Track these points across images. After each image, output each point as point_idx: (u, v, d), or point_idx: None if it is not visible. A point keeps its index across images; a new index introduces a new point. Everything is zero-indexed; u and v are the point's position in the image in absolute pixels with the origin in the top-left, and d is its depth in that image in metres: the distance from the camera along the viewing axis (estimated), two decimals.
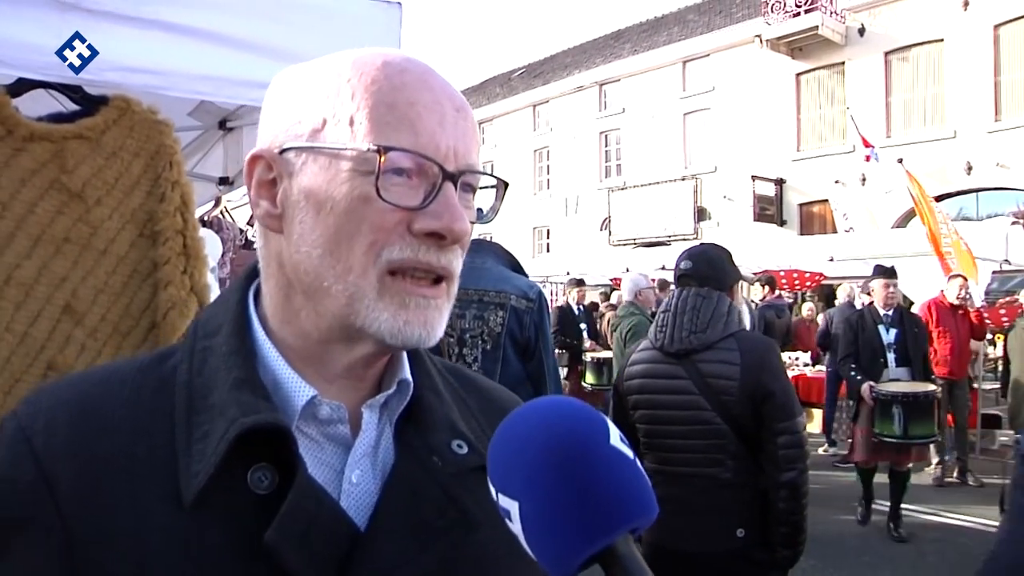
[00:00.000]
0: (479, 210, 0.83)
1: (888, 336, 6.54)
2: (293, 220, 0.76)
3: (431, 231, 0.74)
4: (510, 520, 0.63)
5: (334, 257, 0.74)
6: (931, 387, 6.28)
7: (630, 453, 0.64)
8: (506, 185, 0.87)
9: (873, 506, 6.79)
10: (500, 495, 0.64)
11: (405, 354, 0.85)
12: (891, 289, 6.67)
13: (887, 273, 6.75)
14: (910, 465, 6.55)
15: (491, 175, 0.83)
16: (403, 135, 0.73)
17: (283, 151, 0.77)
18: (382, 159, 0.71)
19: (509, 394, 1.02)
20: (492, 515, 0.66)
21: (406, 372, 0.84)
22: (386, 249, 0.73)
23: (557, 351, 7.54)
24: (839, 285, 12.86)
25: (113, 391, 0.77)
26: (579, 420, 0.64)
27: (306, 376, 0.78)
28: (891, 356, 6.53)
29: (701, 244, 3.35)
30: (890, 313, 6.60)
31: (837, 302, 11.19)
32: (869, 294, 7.11)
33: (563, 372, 9.38)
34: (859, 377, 6.38)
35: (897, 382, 6.38)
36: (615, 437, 0.64)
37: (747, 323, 6.98)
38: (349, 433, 0.79)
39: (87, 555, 0.69)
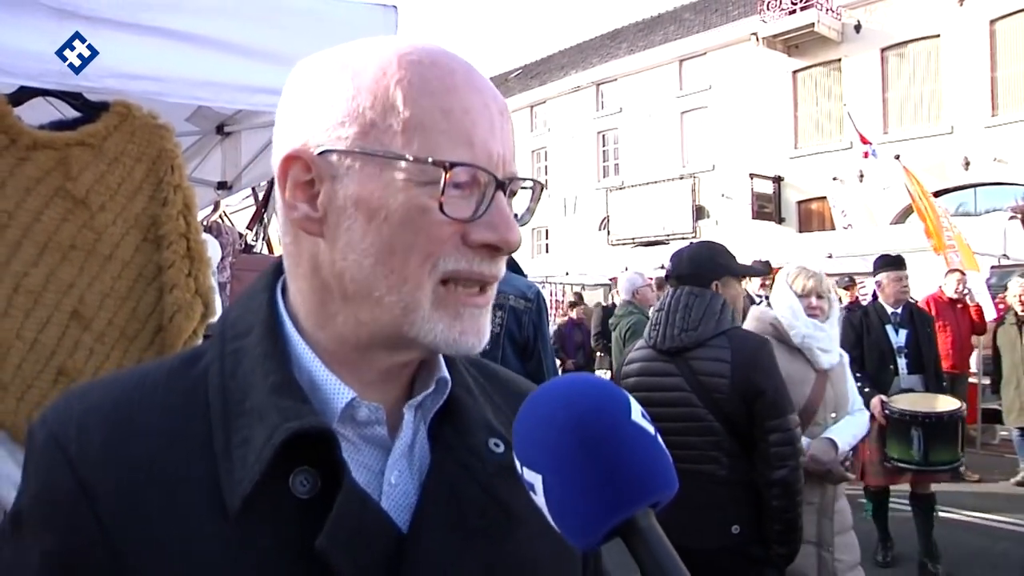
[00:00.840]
0: (517, 214, 0.81)
1: (898, 338, 5.55)
2: (338, 226, 0.73)
3: (487, 243, 0.73)
4: (534, 493, 0.64)
5: (387, 267, 0.72)
6: (955, 403, 5.12)
7: (651, 429, 0.65)
8: (542, 187, 0.85)
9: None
10: (525, 468, 0.65)
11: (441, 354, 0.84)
12: (903, 283, 5.65)
13: (896, 264, 5.71)
14: (932, 488, 5.46)
15: (531, 179, 0.81)
16: (460, 147, 0.71)
17: (323, 152, 0.73)
18: (447, 175, 0.69)
19: (528, 383, 1.01)
20: (535, 513, 0.65)
21: (444, 370, 0.83)
22: (442, 260, 0.72)
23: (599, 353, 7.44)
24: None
25: (144, 395, 0.75)
26: (601, 396, 0.65)
27: (342, 377, 0.76)
28: (902, 362, 5.52)
29: (690, 243, 3.38)
30: (899, 311, 5.63)
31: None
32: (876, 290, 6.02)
33: (608, 375, 9.31)
34: (866, 389, 5.09)
35: (911, 394, 5.35)
36: (636, 413, 0.64)
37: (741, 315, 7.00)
38: (387, 434, 0.78)
39: (130, 567, 0.68)
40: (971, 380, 8.99)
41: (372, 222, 0.71)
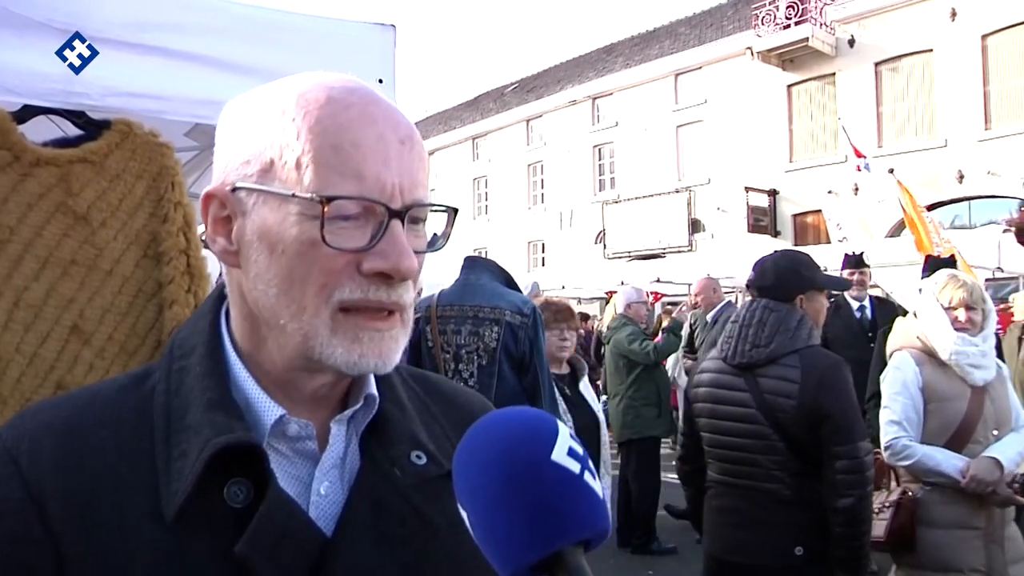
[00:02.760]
0: (435, 235, 0.85)
1: None
2: (249, 258, 0.79)
3: (379, 271, 0.76)
4: (469, 526, 0.66)
5: (288, 297, 0.76)
6: None
7: (575, 466, 0.65)
8: (455, 211, 0.88)
9: None
10: (458, 503, 0.67)
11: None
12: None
13: (858, 263, 6.51)
14: None
15: (438, 205, 0.84)
16: (348, 180, 0.74)
17: (234, 189, 0.79)
18: (326, 208, 0.73)
19: (477, 397, 1.05)
20: (456, 522, 0.68)
21: (372, 387, 0.87)
22: (337, 290, 0.76)
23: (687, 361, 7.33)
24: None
25: (96, 412, 0.80)
26: (523, 435, 0.66)
27: (275, 395, 0.81)
28: None
29: (775, 251, 3.21)
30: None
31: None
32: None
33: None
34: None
35: None
36: (561, 451, 0.65)
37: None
38: (316, 448, 0.83)
39: (76, 571, 0.72)
40: None
41: (273, 254, 0.77)
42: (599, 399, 5.43)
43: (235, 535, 0.73)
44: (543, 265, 27.14)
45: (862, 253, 6.68)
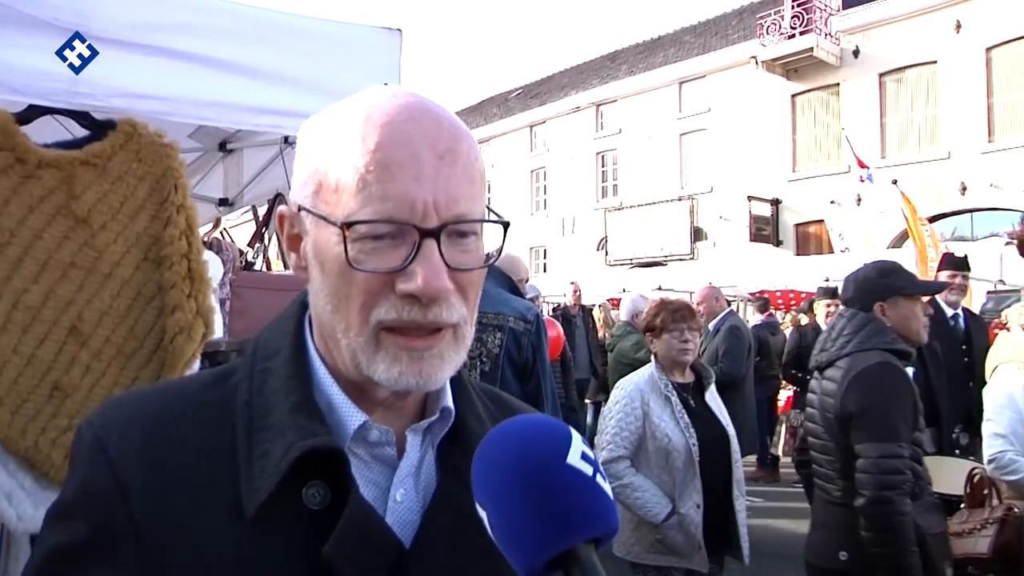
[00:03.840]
0: (488, 254, 0.86)
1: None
2: (311, 275, 0.83)
3: (409, 293, 0.77)
4: (487, 526, 0.68)
5: (339, 314, 0.80)
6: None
7: (588, 469, 0.67)
8: (507, 225, 0.88)
9: None
10: (476, 504, 0.69)
11: (448, 383, 0.89)
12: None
13: (959, 264, 5.35)
14: None
15: (488, 220, 0.84)
16: (373, 203, 0.76)
17: (300, 209, 0.83)
18: (347, 233, 0.76)
19: (526, 408, 1.07)
20: None
21: (448, 400, 0.88)
22: (375, 310, 0.78)
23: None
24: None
25: (180, 407, 0.83)
26: (540, 440, 0.69)
27: (356, 401, 0.83)
28: None
29: (871, 262, 3.19)
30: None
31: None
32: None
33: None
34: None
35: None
36: (575, 455, 0.68)
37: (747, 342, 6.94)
38: (395, 455, 0.85)
39: (156, 560, 0.74)
40: None
41: (323, 273, 0.80)
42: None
43: (310, 536, 0.75)
44: (545, 271, 27.13)
45: (965, 256, 5.62)
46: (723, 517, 3.37)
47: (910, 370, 3.73)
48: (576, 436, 0.70)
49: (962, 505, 3.39)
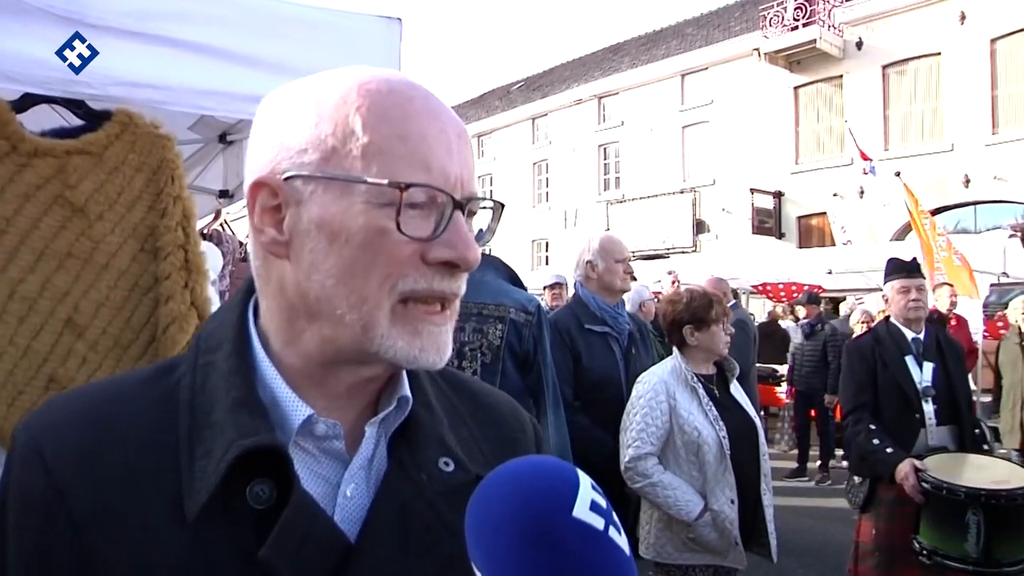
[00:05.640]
0: (479, 231, 0.85)
1: (922, 375, 3.92)
2: (303, 249, 0.77)
3: (446, 260, 0.76)
4: None
5: (348, 288, 0.75)
6: None
7: (599, 522, 0.61)
8: (503, 206, 0.89)
9: None
10: (472, 563, 0.63)
11: (405, 370, 0.86)
12: (913, 296, 4.01)
13: (905, 269, 4.12)
14: None
15: (490, 199, 0.85)
16: (417, 169, 0.74)
17: (289, 178, 0.77)
18: (403, 195, 0.73)
19: (504, 397, 1.03)
20: None
21: (406, 388, 0.86)
22: (401, 280, 0.75)
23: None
24: (842, 299, 12.84)
25: (120, 405, 0.79)
26: (538, 489, 0.62)
27: (306, 393, 0.80)
28: (929, 408, 3.85)
29: None
30: (921, 337, 4.00)
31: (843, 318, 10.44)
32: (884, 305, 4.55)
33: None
34: (889, 450, 3.68)
35: (944, 455, 3.74)
36: (582, 506, 0.61)
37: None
38: (344, 449, 0.81)
39: (94, 564, 0.72)
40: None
41: (334, 244, 0.75)
42: None
43: (256, 536, 0.72)
44: (547, 264, 27.12)
45: (914, 259, 4.32)
46: (752, 512, 3.29)
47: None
48: (584, 481, 0.64)
49: None
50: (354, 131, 0.75)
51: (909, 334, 3.99)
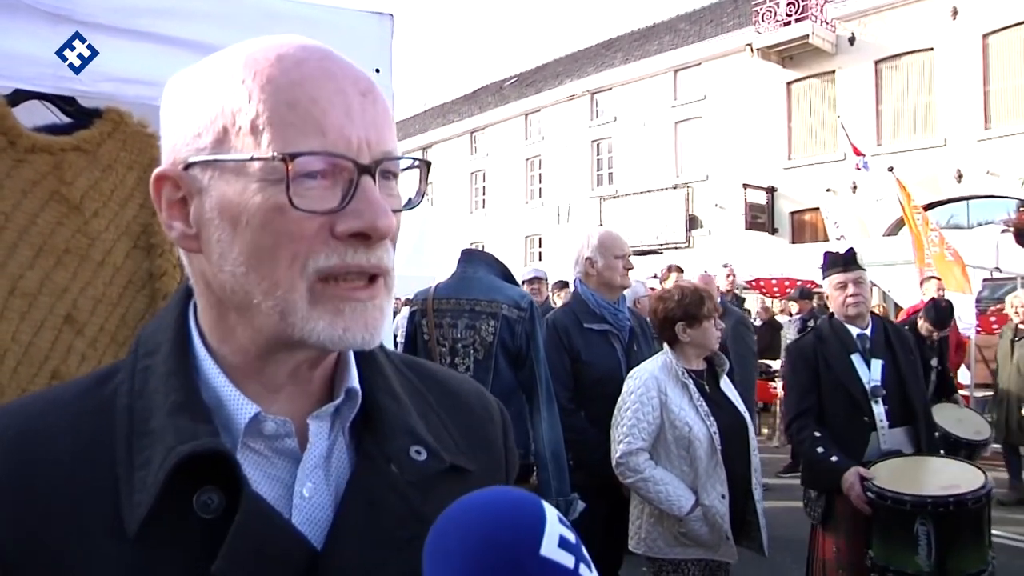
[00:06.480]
0: (410, 199, 0.79)
1: (870, 374, 3.63)
2: (210, 239, 0.72)
3: (355, 231, 0.70)
4: None
5: (258, 274, 0.70)
6: (975, 476, 3.23)
7: (569, 560, 0.57)
8: (428, 165, 0.82)
9: None
10: None
11: (352, 359, 0.82)
12: (852, 291, 3.71)
13: (843, 262, 3.80)
14: None
15: (410, 157, 0.78)
16: (309, 137, 0.69)
17: (187, 167, 0.73)
18: (290, 166, 0.68)
19: (471, 383, 0.99)
20: None
21: (353, 380, 0.81)
22: (311, 259, 0.70)
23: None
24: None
25: (53, 419, 0.74)
26: (502, 526, 0.59)
27: (249, 390, 0.75)
28: (879, 409, 3.57)
29: None
30: (868, 332, 3.70)
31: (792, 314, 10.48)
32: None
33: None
34: (834, 458, 3.43)
35: (897, 459, 3.46)
36: (550, 543, 0.57)
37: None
38: (297, 447, 0.77)
39: None
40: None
41: (236, 229, 0.70)
42: None
43: (207, 549, 0.67)
44: (540, 259, 27.12)
45: (850, 250, 3.95)
46: (742, 506, 3.31)
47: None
48: (551, 515, 0.60)
49: None
50: (241, 107, 0.70)
51: (854, 330, 3.70)
